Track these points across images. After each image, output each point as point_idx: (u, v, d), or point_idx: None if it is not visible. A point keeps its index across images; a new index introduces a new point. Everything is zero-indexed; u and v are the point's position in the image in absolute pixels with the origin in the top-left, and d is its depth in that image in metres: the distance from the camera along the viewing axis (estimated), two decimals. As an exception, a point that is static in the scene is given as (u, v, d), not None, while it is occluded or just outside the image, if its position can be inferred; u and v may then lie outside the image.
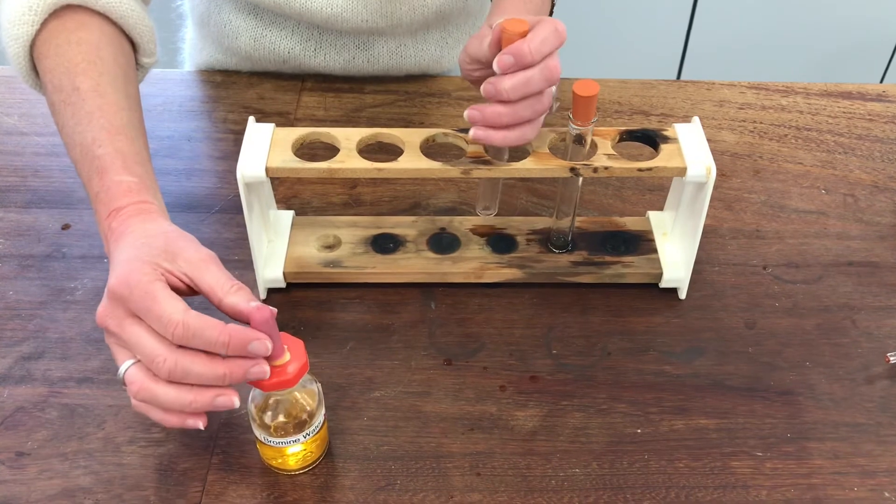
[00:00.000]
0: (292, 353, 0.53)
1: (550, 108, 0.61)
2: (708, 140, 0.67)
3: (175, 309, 0.49)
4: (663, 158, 0.64)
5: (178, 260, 0.52)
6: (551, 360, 0.65)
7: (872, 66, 1.83)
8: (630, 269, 0.70)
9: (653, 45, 1.77)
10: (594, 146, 0.64)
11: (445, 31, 0.92)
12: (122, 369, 0.52)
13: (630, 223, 0.74)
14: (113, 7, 0.65)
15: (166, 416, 0.52)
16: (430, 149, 0.65)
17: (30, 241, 0.73)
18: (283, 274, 0.68)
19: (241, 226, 0.67)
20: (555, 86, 0.61)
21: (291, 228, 0.72)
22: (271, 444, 0.55)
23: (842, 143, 0.85)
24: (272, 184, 0.72)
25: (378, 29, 0.86)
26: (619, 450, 0.60)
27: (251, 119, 0.65)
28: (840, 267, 0.73)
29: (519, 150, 0.64)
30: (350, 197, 0.78)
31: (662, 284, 0.70)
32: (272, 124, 0.65)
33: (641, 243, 0.72)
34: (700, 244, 0.67)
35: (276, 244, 0.70)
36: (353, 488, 0.58)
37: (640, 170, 0.63)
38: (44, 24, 0.63)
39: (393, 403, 0.62)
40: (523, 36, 0.58)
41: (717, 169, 0.64)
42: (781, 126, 0.87)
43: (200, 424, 0.52)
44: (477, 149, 0.64)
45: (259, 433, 0.56)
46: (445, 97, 0.89)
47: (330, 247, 0.71)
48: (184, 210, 0.76)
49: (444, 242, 0.71)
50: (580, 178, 0.65)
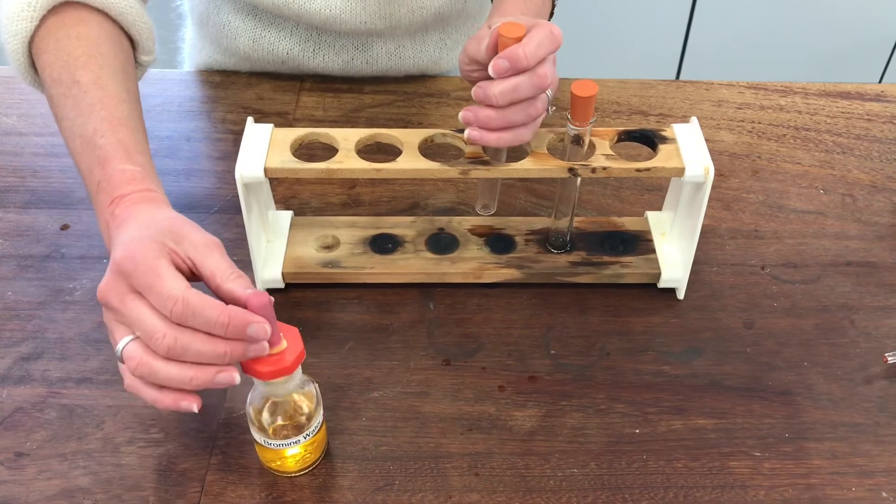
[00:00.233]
0: (289, 340, 0.52)
1: (546, 111, 0.61)
2: (706, 140, 0.68)
3: (177, 286, 0.49)
4: (661, 159, 0.64)
5: (183, 242, 0.52)
6: (550, 360, 0.66)
7: (871, 66, 1.83)
8: (628, 269, 0.70)
9: (651, 46, 1.77)
10: (592, 146, 0.64)
11: (444, 33, 0.92)
12: (120, 345, 0.51)
13: (628, 223, 0.74)
14: (112, 4, 0.65)
15: (160, 396, 0.51)
16: (429, 149, 0.65)
17: (29, 242, 0.73)
18: (282, 274, 0.68)
19: (240, 226, 0.67)
20: (551, 90, 0.61)
21: (290, 229, 0.72)
22: (270, 446, 0.55)
23: (840, 143, 0.85)
24: (271, 184, 0.72)
25: (377, 30, 0.86)
26: (618, 450, 0.60)
27: (250, 119, 0.65)
28: (838, 267, 0.73)
29: (517, 151, 0.64)
30: (349, 197, 0.78)
31: (661, 284, 0.70)
32: (271, 125, 0.65)
33: (640, 243, 0.72)
34: (698, 244, 0.68)
35: (274, 244, 0.70)
36: (351, 488, 0.58)
37: (638, 170, 0.63)
38: (43, 20, 0.63)
39: (392, 404, 0.62)
40: (519, 41, 0.58)
41: (715, 169, 0.64)
42: (780, 126, 0.87)
43: (195, 406, 0.51)
44: (475, 149, 0.64)
45: (258, 436, 0.56)
46: (444, 98, 0.89)
47: (329, 247, 0.71)
48: (183, 210, 0.75)
49: (442, 243, 0.71)
50: (578, 179, 0.66)
